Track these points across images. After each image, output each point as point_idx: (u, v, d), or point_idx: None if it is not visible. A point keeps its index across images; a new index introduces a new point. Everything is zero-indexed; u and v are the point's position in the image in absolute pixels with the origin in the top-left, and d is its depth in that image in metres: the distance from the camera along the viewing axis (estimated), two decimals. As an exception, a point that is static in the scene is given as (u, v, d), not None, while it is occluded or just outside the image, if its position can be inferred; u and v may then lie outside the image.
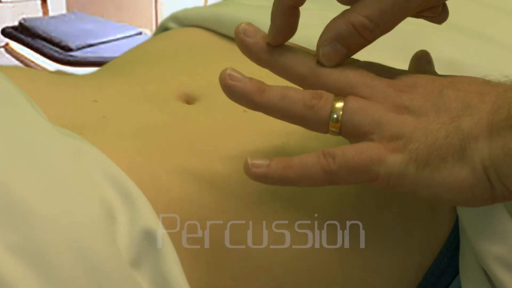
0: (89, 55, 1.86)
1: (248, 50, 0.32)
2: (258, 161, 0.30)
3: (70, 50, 2.00)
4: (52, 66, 1.77)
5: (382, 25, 0.30)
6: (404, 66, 0.36)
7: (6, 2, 2.29)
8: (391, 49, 0.45)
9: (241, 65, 0.33)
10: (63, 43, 2.01)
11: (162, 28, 0.60)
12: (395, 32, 0.32)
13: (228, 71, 0.31)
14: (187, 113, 0.40)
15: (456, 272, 0.39)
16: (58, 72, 0.49)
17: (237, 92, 0.31)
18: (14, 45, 2.07)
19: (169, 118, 0.39)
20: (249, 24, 0.32)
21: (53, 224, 0.26)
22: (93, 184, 0.29)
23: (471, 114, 0.29)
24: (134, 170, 0.32)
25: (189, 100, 0.42)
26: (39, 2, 2.37)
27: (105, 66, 0.52)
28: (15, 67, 0.45)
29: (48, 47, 2.02)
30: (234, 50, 0.35)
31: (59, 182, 0.28)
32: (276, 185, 0.31)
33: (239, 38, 0.32)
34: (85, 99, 0.38)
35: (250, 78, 0.31)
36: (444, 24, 0.35)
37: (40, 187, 0.27)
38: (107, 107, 0.38)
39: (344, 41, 0.31)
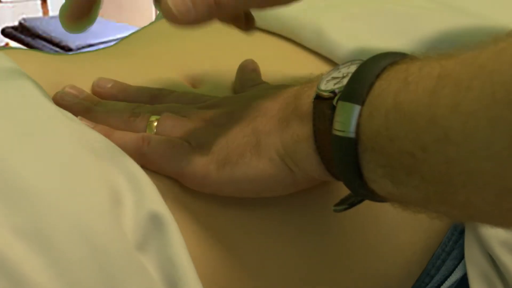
0: (89, 54, 1.86)
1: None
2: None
3: (70, 50, 2.00)
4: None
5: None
6: (405, 48, 0.36)
7: (6, 2, 2.29)
8: (394, 31, 0.45)
9: (244, 43, 0.33)
10: (63, 43, 2.01)
11: None
12: (397, 15, 0.33)
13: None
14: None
15: (462, 256, 0.39)
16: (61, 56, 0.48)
17: None
18: (14, 45, 2.07)
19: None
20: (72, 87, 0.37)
21: (58, 206, 0.26)
22: (98, 167, 0.29)
23: (264, 115, 0.32)
24: None
25: (195, 83, 0.42)
26: (39, 2, 2.37)
27: (114, 46, 0.51)
28: (24, 50, 0.45)
29: (48, 47, 2.02)
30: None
31: (63, 164, 0.28)
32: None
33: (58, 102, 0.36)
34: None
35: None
36: (449, 7, 0.35)
37: (45, 169, 0.27)
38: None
39: None
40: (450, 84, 0.22)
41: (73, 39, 2.03)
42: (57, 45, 2.04)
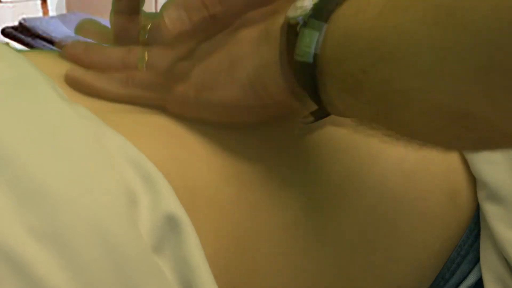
0: (89, 55, 1.85)
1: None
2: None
3: (70, 50, 1.99)
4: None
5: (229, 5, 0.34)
6: None
7: (6, 2, 2.29)
8: None
9: None
10: (63, 43, 2.00)
11: None
12: None
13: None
14: None
15: (477, 260, 0.39)
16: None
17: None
18: (14, 45, 2.06)
19: None
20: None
21: (74, 206, 0.26)
22: (114, 168, 0.29)
23: (240, 40, 0.33)
24: (156, 154, 0.32)
25: None
26: (39, 2, 2.36)
27: None
28: (40, 51, 0.45)
29: (48, 47, 2.01)
30: None
31: (79, 164, 0.28)
32: None
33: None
34: None
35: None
36: None
37: (61, 169, 0.27)
38: None
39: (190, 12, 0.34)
40: (392, 7, 0.23)
41: (73, 39, 2.02)
42: (57, 45, 2.04)
